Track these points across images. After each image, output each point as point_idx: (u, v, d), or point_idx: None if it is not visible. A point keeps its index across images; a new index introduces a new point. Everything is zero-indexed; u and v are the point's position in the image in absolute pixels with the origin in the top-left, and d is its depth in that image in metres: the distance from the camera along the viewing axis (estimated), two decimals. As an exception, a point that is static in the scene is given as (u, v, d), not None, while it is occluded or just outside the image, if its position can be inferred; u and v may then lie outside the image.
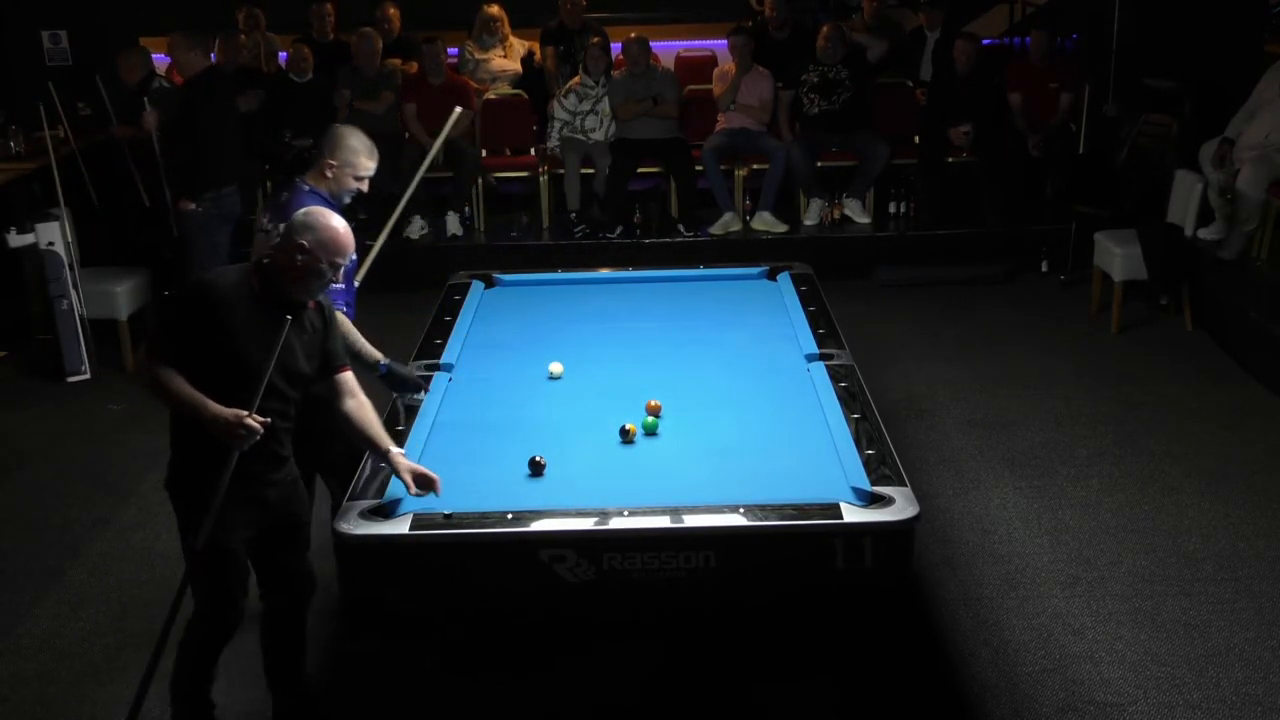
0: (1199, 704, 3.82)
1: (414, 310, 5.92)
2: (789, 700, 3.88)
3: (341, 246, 3.38)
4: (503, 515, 3.38)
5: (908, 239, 8.48)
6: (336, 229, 3.38)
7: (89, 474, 5.70)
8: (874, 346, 6.82)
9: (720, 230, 8.43)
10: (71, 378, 6.81)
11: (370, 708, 3.94)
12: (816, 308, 5.11)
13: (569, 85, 8.57)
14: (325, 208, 3.59)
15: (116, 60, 7.55)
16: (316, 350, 3.50)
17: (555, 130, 8.58)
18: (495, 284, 5.67)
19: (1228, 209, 7.36)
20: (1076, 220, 8.00)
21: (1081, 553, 4.73)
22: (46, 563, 4.90)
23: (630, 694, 3.91)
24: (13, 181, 7.44)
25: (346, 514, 3.43)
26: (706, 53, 9.89)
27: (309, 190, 4.02)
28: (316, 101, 8.49)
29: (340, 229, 3.40)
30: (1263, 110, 7.18)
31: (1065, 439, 5.75)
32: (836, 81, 8.43)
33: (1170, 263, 7.07)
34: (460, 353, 4.77)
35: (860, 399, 4.15)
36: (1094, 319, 7.45)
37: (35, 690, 4.07)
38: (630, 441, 3.91)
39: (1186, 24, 8.25)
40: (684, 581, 3.37)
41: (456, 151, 8.38)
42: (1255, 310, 6.56)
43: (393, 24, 9.01)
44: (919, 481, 4.76)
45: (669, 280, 5.74)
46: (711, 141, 8.50)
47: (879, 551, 3.33)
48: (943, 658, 4.10)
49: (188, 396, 3.29)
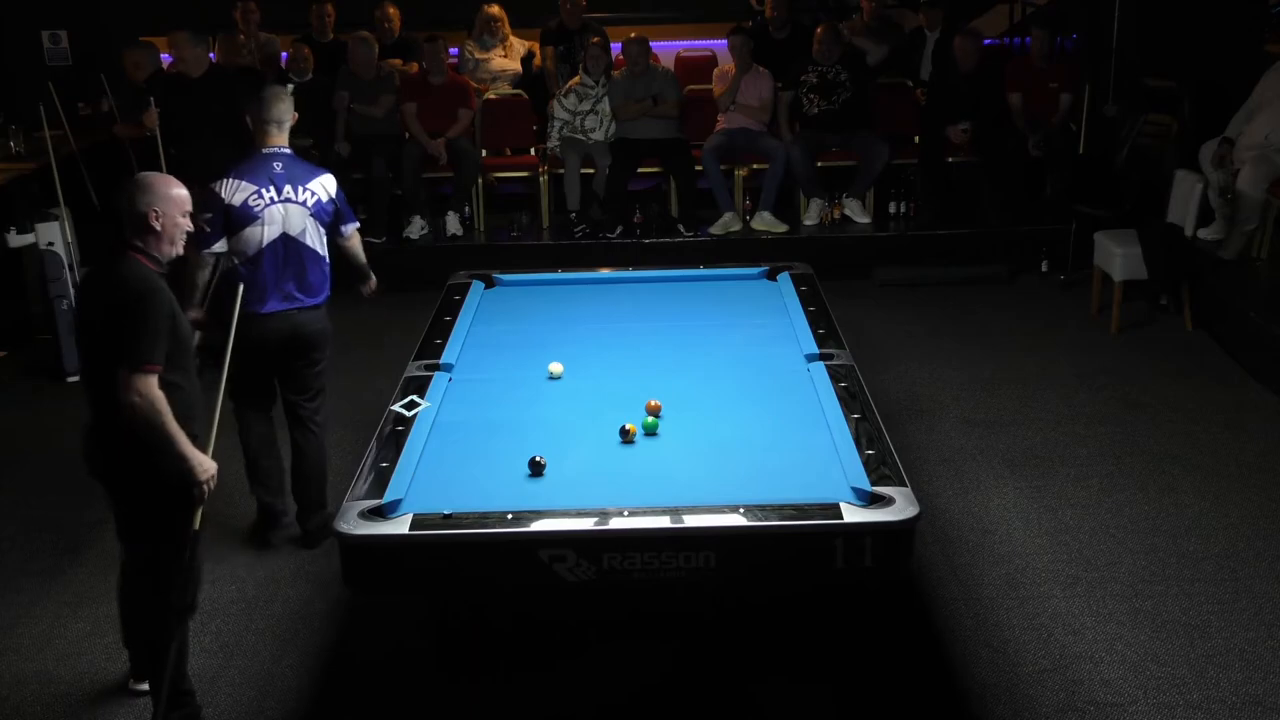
0: (1199, 704, 3.82)
1: (414, 310, 5.93)
2: (789, 700, 3.88)
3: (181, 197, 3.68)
4: (503, 515, 3.38)
5: (908, 239, 8.48)
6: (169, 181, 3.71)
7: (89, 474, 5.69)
8: (874, 346, 6.83)
9: (720, 230, 8.43)
10: (71, 378, 6.80)
11: (370, 708, 3.94)
12: (816, 308, 5.11)
13: (569, 85, 8.58)
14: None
15: (123, 58, 7.54)
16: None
17: (555, 130, 8.58)
18: (495, 284, 5.67)
19: (1228, 209, 7.37)
20: (1076, 220, 8.00)
21: (1081, 553, 4.73)
22: (46, 563, 4.90)
23: (630, 694, 3.91)
24: (13, 181, 7.44)
25: (346, 514, 3.43)
26: (706, 53, 9.90)
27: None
28: (316, 101, 8.49)
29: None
30: (1262, 110, 7.18)
31: (1065, 439, 5.75)
32: (835, 82, 8.44)
33: (1170, 263, 7.07)
34: (460, 353, 4.77)
35: (860, 399, 4.15)
36: (1094, 319, 7.45)
37: (35, 690, 4.07)
38: (630, 441, 3.91)
39: (1186, 24, 8.25)
40: (684, 581, 3.37)
41: (456, 151, 8.38)
42: (1255, 310, 6.56)
43: (393, 24, 9.01)
44: (919, 481, 4.76)
45: (669, 280, 5.74)
46: (711, 141, 8.50)
47: (879, 551, 3.33)
48: (943, 658, 4.10)
49: (176, 431, 3.52)
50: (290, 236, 4.73)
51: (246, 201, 4.66)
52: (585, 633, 4.07)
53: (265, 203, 4.68)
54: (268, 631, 4.37)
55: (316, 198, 4.78)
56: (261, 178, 4.70)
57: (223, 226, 4.67)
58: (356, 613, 4.43)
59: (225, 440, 5.93)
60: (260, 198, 4.68)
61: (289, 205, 4.72)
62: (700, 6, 10.51)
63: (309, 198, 4.76)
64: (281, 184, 4.72)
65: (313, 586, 4.63)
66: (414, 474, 3.72)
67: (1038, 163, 8.49)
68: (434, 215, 8.54)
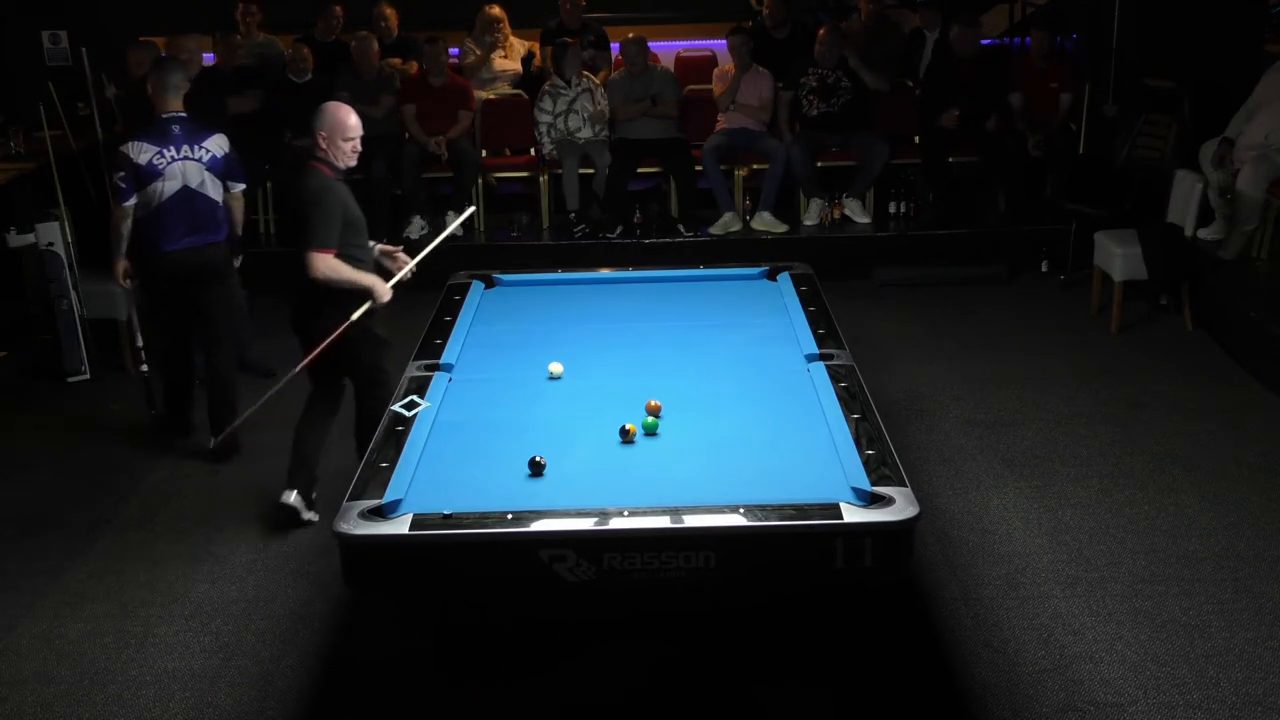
0: (1199, 704, 3.82)
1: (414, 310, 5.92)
2: (789, 700, 3.88)
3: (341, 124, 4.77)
4: (503, 515, 3.38)
5: (908, 239, 8.49)
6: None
7: (89, 474, 5.70)
8: (874, 346, 6.83)
9: (720, 230, 8.43)
10: (71, 378, 6.81)
11: (370, 708, 3.94)
12: (816, 308, 5.11)
13: (543, 89, 8.57)
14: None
15: (126, 57, 7.53)
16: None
17: (543, 134, 8.57)
18: (495, 284, 5.67)
19: (1228, 209, 7.37)
20: (1076, 220, 8.00)
21: (1081, 553, 4.73)
22: (46, 563, 4.90)
23: (630, 694, 3.91)
24: (13, 181, 7.43)
25: (346, 514, 3.43)
26: (706, 53, 9.90)
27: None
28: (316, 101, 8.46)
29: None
30: (1262, 110, 7.18)
31: (1065, 439, 5.75)
32: (836, 86, 8.43)
33: (1170, 263, 7.07)
34: (460, 353, 4.78)
35: (860, 399, 4.15)
36: (1094, 319, 7.45)
37: (35, 690, 4.07)
38: (630, 441, 3.91)
39: (1186, 24, 8.25)
40: (684, 581, 3.37)
41: (457, 151, 8.38)
42: (1255, 310, 6.56)
43: (390, 24, 9.01)
44: (919, 481, 4.76)
45: (669, 280, 5.74)
46: (711, 141, 8.50)
47: (879, 551, 3.33)
48: (943, 658, 4.10)
49: (353, 274, 4.73)
50: (190, 188, 5.61)
51: (151, 160, 5.53)
52: (585, 633, 4.07)
53: (167, 161, 5.55)
54: (268, 631, 4.37)
55: (211, 154, 5.66)
56: (163, 139, 5.57)
57: (134, 183, 5.53)
58: (356, 613, 4.43)
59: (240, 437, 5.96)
60: (163, 156, 5.55)
61: (187, 162, 5.60)
62: (700, 6, 10.50)
63: (204, 155, 5.64)
64: (180, 144, 5.59)
65: (313, 586, 4.63)
66: (414, 474, 3.72)
67: (1038, 163, 8.49)
68: (434, 215, 8.53)
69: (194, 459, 5.80)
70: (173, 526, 5.18)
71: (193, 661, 4.18)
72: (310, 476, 5.08)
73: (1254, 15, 8.85)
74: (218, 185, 5.71)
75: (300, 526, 5.03)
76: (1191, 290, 7.17)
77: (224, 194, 5.79)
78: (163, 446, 5.96)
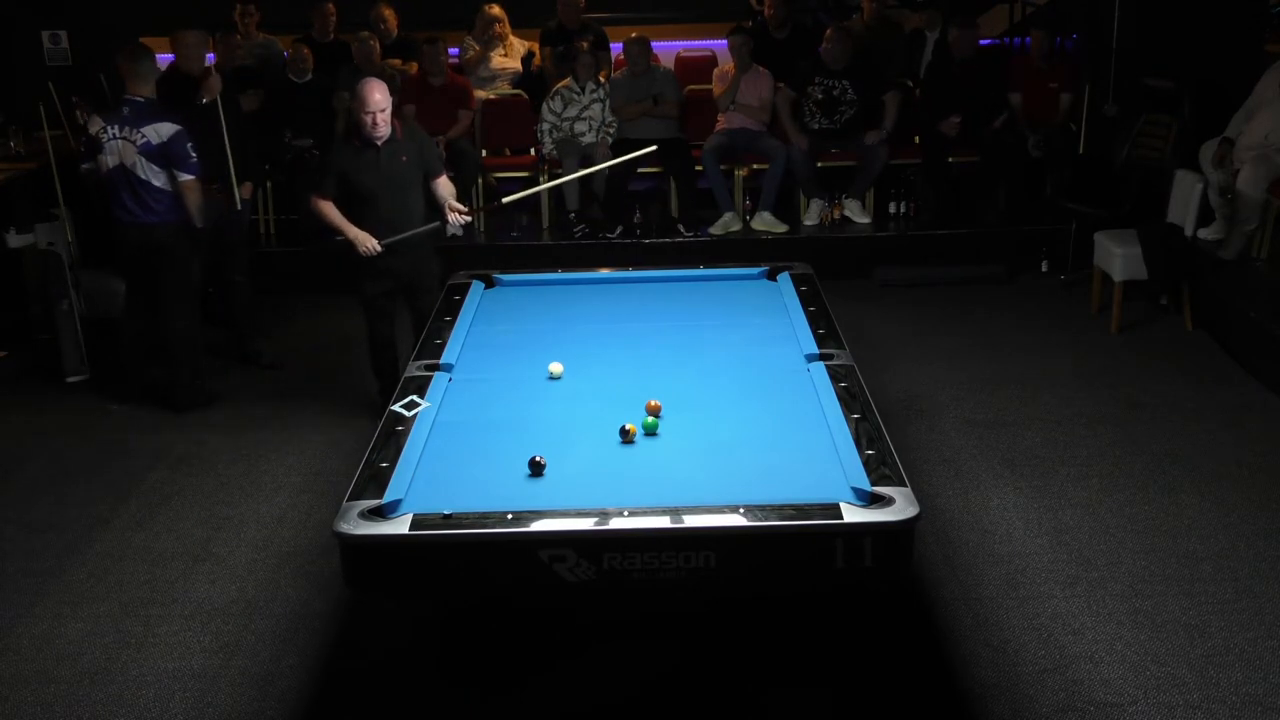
0: (1199, 704, 3.82)
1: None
2: (789, 700, 3.88)
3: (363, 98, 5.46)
4: (503, 515, 3.38)
5: (908, 239, 8.49)
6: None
7: (89, 474, 5.70)
8: (874, 346, 6.83)
9: (720, 230, 8.44)
10: (71, 378, 6.82)
11: (370, 708, 3.94)
12: (816, 308, 5.11)
13: (556, 87, 8.57)
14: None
15: (171, 42, 7.50)
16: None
17: (545, 133, 8.57)
18: (495, 284, 5.67)
19: (1228, 209, 7.37)
20: (1076, 220, 8.00)
21: (1081, 553, 4.73)
22: (46, 563, 4.90)
23: (630, 694, 3.91)
24: (13, 181, 7.44)
25: (346, 514, 3.43)
26: (706, 53, 9.90)
27: None
28: (316, 102, 8.49)
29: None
30: (1262, 110, 7.18)
31: (1065, 439, 5.75)
32: (840, 99, 8.42)
33: (1170, 263, 7.07)
34: (460, 353, 4.77)
35: (860, 399, 4.15)
36: (1094, 319, 7.45)
37: (35, 690, 4.07)
38: (630, 441, 3.91)
39: (1186, 24, 8.25)
40: (684, 582, 3.36)
41: (457, 152, 8.38)
42: (1255, 310, 6.56)
43: (389, 24, 9.01)
44: (919, 481, 4.76)
45: (669, 280, 5.74)
46: (711, 141, 8.50)
47: (879, 552, 3.32)
48: (943, 658, 4.10)
49: (340, 222, 5.62)
50: (125, 167, 6.01)
51: (98, 134, 6.04)
52: (585, 633, 4.07)
53: (109, 137, 6.01)
54: (268, 631, 4.37)
55: (146, 139, 5.98)
56: (114, 117, 6.05)
57: (90, 150, 6.09)
58: (356, 613, 4.43)
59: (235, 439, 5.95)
60: (106, 133, 6.02)
61: (125, 143, 5.99)
62: (700, 6, 10.50)
63: (139, 139, 5.98)
64: (124, 125, 6.00)
65: (313, 586, 4.63)
66: (414, 474, 3.72)
67: (1038, 163, 8.49)
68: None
69: (194, 459, 5.80)
70: (172, 527, 5.18)
71: (193, 661, 4.18)
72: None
73: (1254, 15, 8.85)
74: (155, 170, 6.01)
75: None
76: (1191, 290, 7.17)
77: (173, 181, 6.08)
78: (163, 444, 5.94)
